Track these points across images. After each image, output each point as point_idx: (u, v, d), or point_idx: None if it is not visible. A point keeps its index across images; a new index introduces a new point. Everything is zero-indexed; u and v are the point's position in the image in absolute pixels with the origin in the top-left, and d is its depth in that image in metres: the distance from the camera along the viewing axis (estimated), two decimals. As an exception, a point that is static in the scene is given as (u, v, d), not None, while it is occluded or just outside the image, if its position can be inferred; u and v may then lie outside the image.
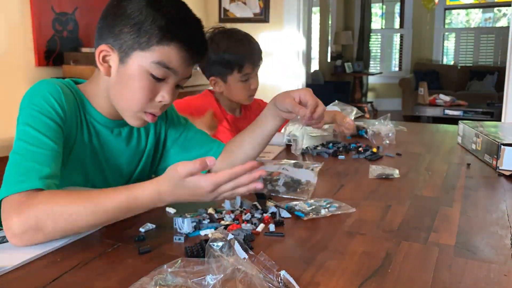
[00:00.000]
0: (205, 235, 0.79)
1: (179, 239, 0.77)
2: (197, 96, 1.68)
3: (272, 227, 0.83)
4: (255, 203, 0.94)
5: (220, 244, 0.60)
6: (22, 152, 0.82)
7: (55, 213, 0.75)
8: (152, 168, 1.15)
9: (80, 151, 0.97)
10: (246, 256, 0.62)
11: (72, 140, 0.95)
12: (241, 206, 0.93)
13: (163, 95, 0.93)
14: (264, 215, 0.88)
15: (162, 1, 0.91)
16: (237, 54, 1.54)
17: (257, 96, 1.75)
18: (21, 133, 0.84)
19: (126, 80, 0.92)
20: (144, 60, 0.89)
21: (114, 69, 0.92)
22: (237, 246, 0.62)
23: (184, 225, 0.80)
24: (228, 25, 1.67)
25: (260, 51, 1.61)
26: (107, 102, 0.98)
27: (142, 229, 0.82)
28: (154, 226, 0.83)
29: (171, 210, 0.92)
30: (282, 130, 1.76)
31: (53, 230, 0.75)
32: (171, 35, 0.89)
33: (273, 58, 3.95)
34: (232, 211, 0.90)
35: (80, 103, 0.97)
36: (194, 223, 0.81)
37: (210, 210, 0.90)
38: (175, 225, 0.82)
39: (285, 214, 0.89)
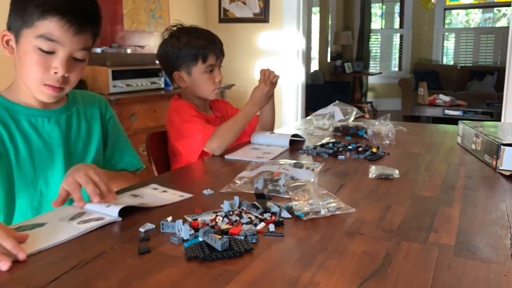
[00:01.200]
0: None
1: (175, 240, 0.77)
2: (171, 104, 1.66)
3: (272, 227, 0.83)
4: (255, 202, 0.94)
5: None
6: None
7: None
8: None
9: (16, 159, 1.05)
10: None
11: (11, 151, 1.03)
12: (239, 207, 0.93)
13: (56, 67, 1.00)
14: (265, 215, 0.88)
15: None
16: (199, 44, 1.58)
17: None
18: None
19: (21, 57, 1.01)
20: (31, 36, 0.98)
21: (15, 50, 1.02)
22: None
23: (182, 230, 0.79)
24: (221, 26, 1.69)
25: (221, 45, 1.65)
26: (30, 93, 1.06)
27: (142, 229, 0.82)
28: (154, 226, 0.83)
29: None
30: (280, 131, 1.76)
31: None
32: (46, 10, 0.96)
33: (273, 58, 3.95)
34: (232, 213, 0.90)
35: (4, 110, 1.05)
36: (192, 231, 0.80)
37: (211, 216, 0.89)
38: (169, 228, 0.81)
39: (285, 214, 0.89)
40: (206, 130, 1.50)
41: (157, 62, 1.72)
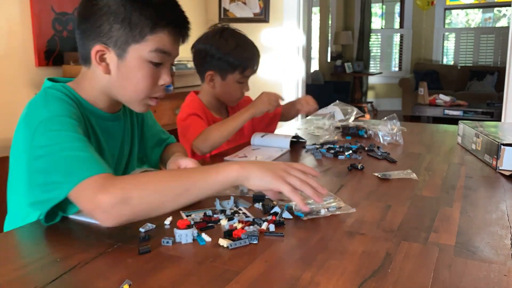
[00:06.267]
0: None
1: (167, 242, 0.76)
2: (186, 100, 1.68)
3: (272, 227, 0.82)
4: (260, 203, 0.94)
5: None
6: (67, 148, 0.82)
7: (141, 182, 0.77)
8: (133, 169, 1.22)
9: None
10: None
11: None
12: (236, 206, 0.94)
13: (165, 78, 0.99)
14: (268, 218, 0.87)
15: None
16: (244, 56, 1.58)
17: (260, 88, 1.74)
18: (55, 138, 0.84)
19: (128, 73, 0.96)
20: (142, 51, 0.94)
21: (114, 66, 0.96)
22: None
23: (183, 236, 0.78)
24: (232, 25, 1.67)
25: (259, 58, 1.66)
26: (104, 98, 1.01)
27: (142, 229, 0.82)
28: (154, 226, 0.83)
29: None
30: (281, 131, 1.76)
31: (139, 201, 0.76)
32: (163, 22, 0.93)
33: (273, 55, 3.95)
34: (236, 213, 0.90)
35: (79, 104, 0.98)
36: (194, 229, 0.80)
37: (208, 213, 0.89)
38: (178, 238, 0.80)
39: (286, 215, 0.89)
40: (200, 127, 1.51)
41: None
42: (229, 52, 1.56)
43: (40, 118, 0.87)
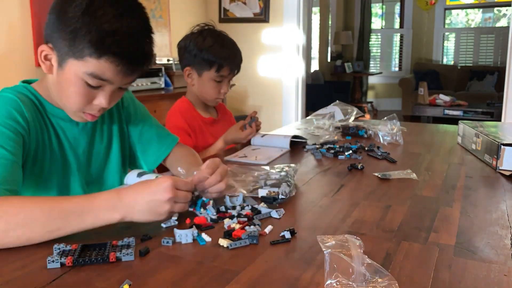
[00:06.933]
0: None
1: (167, 242, 0.76)
2: (174, 104, 1.72)
3: (287, 234, 0.80)
4: (257, 205, 0.94)
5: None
6: None
7: (9, 213, 0.72)
8: (125, 169, 1.19)
9: (50, 155, 1.00)
10: None
11: (40, 147, 0.98)
12: (243, 202, 0.94)
13: (100, 101, 0.95)
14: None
15: (100, 9, 0.87)
16: (220, 54, 1.60)
17: (260, 88, 1.75)
18: None
19: (63, 83, 0.94)
20: (78, 69, 0.90)
21: (55, 69, 0.95)
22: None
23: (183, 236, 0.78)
24: (222, 26, 1.69)
25: (240, 61, 1.67)
26: None
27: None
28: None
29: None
30: (280, 132, 1.76)
31: (5, 233, 0.71)
32: (101, 51, 0.87)
33: (273, 55, 3.96)
34: (239, 214, 0.90)
35: (39, 106, 0.99)
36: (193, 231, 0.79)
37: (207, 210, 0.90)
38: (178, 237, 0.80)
39: (274, 214, 0.89)
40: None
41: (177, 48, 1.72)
42: (205, 49, 1.59)
43: None
